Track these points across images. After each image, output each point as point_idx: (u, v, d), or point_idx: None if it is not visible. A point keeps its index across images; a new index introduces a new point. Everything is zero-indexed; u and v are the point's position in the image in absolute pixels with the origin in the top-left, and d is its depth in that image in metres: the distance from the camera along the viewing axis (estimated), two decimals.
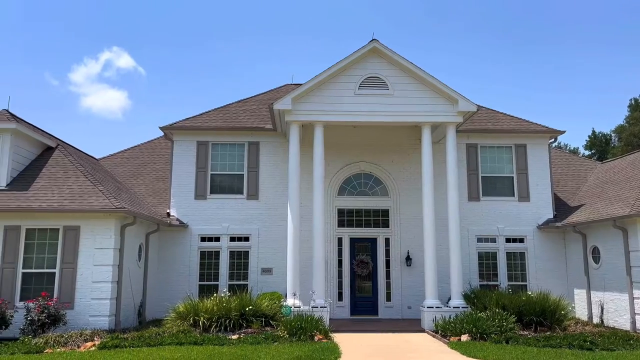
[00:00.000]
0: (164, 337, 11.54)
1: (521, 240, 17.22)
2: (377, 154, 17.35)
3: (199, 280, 16.45)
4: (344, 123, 15.18)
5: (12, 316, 12.14)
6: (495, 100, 70.52)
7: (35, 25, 60.31)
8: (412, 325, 14.62)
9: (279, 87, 20.76)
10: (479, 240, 17.17)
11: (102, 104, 63.60)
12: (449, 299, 14.53)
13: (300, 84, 15.89)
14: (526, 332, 12.61)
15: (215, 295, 13.48)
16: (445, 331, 12.55)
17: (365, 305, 16.73)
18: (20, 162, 14.31)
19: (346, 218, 17.11)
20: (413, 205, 16.89)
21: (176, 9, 62.84)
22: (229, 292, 14.11)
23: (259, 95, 19.96)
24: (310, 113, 14.66)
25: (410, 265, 16.74)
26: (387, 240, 17.04)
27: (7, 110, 14.45)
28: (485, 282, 16.78)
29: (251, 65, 66.25)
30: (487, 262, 17.09)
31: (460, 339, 11.86)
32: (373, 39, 14.68)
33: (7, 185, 13.65)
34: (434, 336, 12.90)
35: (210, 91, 66.97)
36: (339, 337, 12.20)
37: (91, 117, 64.31)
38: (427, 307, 14.01)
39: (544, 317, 13.06)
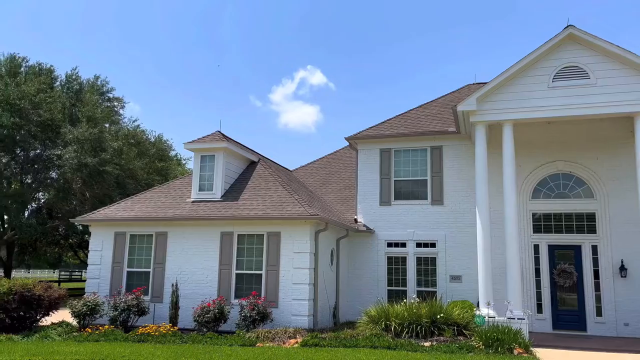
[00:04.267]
0: (358, 339, 11.97)
1: None
2: (577, 151, 15.59)
3: (387, 286, 16.74)
4: (536, 120, 13.94)
5: (229, 312, 13.86)
6: None
7: (242, 55, 68.76)
8: (631, 345, 12.72)
9: (460, 88, 20.09)
10: None
11: (297, 120, 69.40)
12: None
13: (484, 83, 15.18)
14: None
15: (404, 301, 13.53)
16: None
17: (569, 319, 15.09)
18: (230, 176, 16.38)
19: (542, 223, 15.70)
20: (626, 208, 14.81)
21: (359, 20, 65.53)
22: (418, 298, 14.04)
23: (439, 98, 19.60)
24: (497, 112, 13.85)
25: (625, 277, 14.62)
26: (594, 248, 15.15)
27: (219, 132, 16.68)
28: None
29: (431, 68, 65.53)
30: None
31: None
32: (568, 25, 13.27)
33: (222, 196, 15.73)
34: None
35: (391, 98, 68.21)
36: (541, 353, 11.21)
37: (288, 132, 70.74)
38: None
39: None
